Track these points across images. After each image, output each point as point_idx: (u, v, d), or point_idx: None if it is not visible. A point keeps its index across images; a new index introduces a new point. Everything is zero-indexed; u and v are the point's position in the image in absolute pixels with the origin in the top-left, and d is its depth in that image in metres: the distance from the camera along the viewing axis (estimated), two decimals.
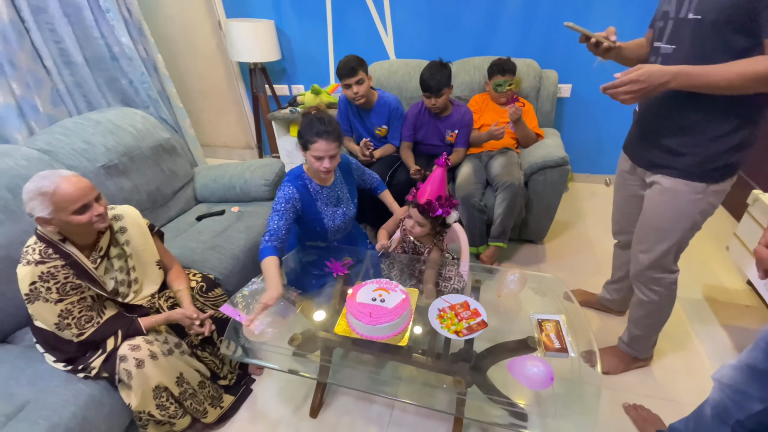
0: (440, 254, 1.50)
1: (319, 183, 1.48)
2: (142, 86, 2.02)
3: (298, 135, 1.37)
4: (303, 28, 2.87)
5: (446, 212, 1.36)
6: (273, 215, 1.40)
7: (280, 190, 1.42)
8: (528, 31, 2.46)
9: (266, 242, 1.36)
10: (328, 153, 1.33)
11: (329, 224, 1.52)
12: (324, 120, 1.32)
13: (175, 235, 1.80)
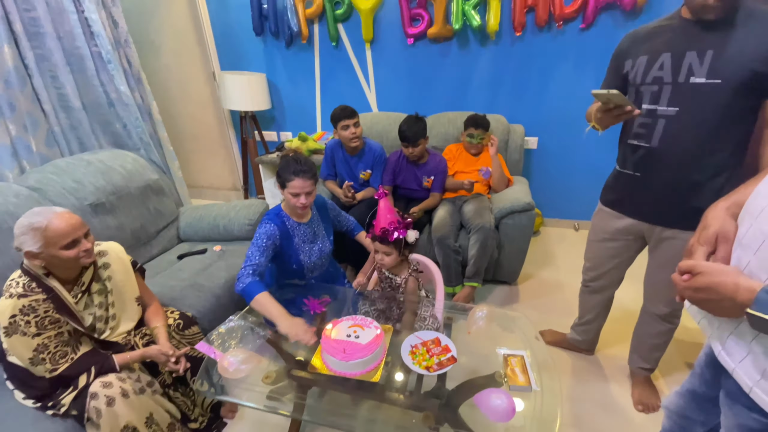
0: (416, 284, 1.55)
1: (296, 220, 1.56)
2: (135, 130, 2.12)
3: (277, 175, 1.48)
4: (293, 81, 3.10)
5: (402, 233, 1.42)
6: (254, 250, 1.44)
7: (261, 226, 1.49)
8: (497, 90, 2.72)
9: (250, 276, 1.38)
10: (304, 189, 1.44)
11: (306, 260, 1.58)
12: (300, 160, 1.45)
13: (156, 273, 1.82)
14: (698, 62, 1.04)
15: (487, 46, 2.62)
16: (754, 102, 1.03)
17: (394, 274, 1.55)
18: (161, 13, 3.13)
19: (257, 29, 2.89)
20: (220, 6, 2.96)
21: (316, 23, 2.84)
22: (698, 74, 1.04)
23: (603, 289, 1.59)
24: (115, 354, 1.25)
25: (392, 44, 2.76)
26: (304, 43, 2.91)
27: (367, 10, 2.63)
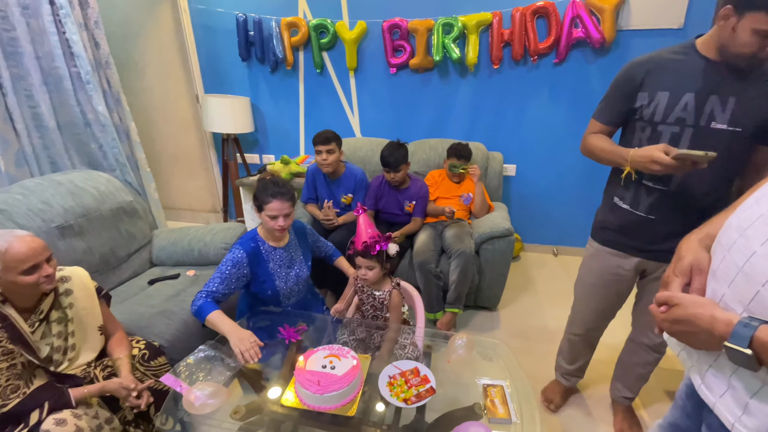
0: (400, 298, 1.54)
1: (272, 244, 1.53)
2: (111, 151, 2.08)
3: (254, 198, 1.46)
4: (277, 106, 3.12)
5: (384, 245, 1.44)
6: (215, 276, 1.43)
7: (230, 252, 1.46)
8: (476, 118, 2.81)
9: (203, 298, 1.39)
10: (282, 212, 1.42)
11: (281, 286, 1.54)
12: (278, 182, 1.44)
13: (124, 299, 1.74)
14: (720, 108, 1.03)
15: (467, 78, 2.72)
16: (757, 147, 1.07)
17: (377, 290, 1.53)
18: (146, 36, 3.14)
19: (243, 55, 2.93)
20: (206, 32, 3.00)
21: (302, 51, 2.90)
22: (720, 120, 1.03)
23: (598, 336, 1.55)
24: (72, 388, 1.17)
25: (375, 73, 2.84)
26: (289, 69, 2.96)
27: (351, 40, 2.71)
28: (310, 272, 1.68)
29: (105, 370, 1.29)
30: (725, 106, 1.03)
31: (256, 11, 2.81)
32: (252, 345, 1.29)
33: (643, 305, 1.40)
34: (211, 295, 1.41)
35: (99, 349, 1.31)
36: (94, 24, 1.99)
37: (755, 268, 0.56)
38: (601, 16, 2.36)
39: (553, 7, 2.39)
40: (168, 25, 3.08)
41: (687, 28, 2.36)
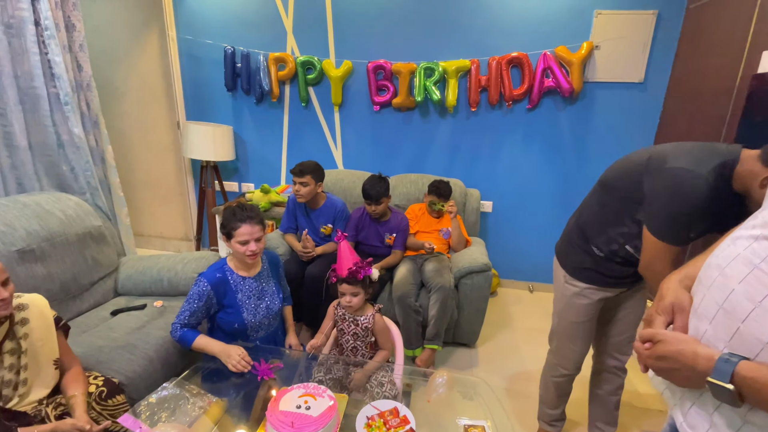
0: (383, 321, 1.53)
1: (242, 274, 1.49)
2: (83, 174, 2.00)
3: (221, 227, 1.43)
4: (260, 135, 3.14)
5: (368, 271, 1.45)
6: (186, 308, 1.42)
7: (195, 285, 1.41)
8: (454, 156, 2.92)
9: (182, 327, 1.41)
10: (253, 236, 1.39)
11: (249, 318, 1.48)
12: (244, 207, 1.42)
13: (83, 331, 1.62)
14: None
15: (446, 118, 2.85)
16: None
17: (360, 315, 1.51)
18: (131, 62, 3.15)
19: (229, 85, 2.97)
20: (192, 61, 3.04)
21: (288, 84, 2.97)
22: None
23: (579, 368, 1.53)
24: (21, 427, 1.05)
25: (360, 109, 2.93)
26: (275, 101, 3.01)
27: (337, 77, 2.81)
28: (282, 305, 1.63)
29: (58, 409, 1.17)
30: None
31: (244, 45, 2.88)
32: (241, 357, 1.33)
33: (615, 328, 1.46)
34: (186, 325, 1.41)
35: (53, 385, 1.20)
36: (78, 47, 1.98)
37: (734, 305, 0.58)
38: (570, 68, 2.56)
39: (527, 58, 2.58)
40: (154, 53, 3.10)
41: (647, 82, 2.59)
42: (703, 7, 2.30)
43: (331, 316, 1.60)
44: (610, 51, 2.58)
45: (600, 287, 1.33)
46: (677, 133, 2.47)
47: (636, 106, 2.65)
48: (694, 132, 2.31)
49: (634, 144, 2.67)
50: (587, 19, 2.55)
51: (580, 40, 2.56)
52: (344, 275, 1.44)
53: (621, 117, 2.67)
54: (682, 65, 2.48)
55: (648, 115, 2.66)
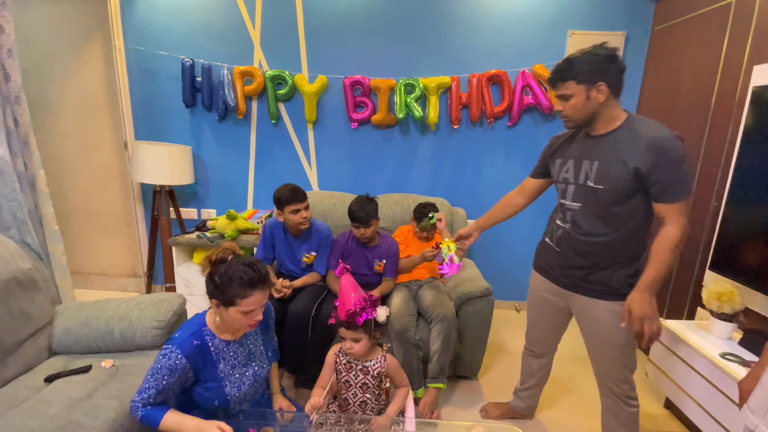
0: (396, 361, 1.37)
1: (226, 338, 1.19)
2: (8, 204, 1.62)
3: (218, 292, 1.10)
4: (224, 156, 2.84)
5: (372, 313, 1.24)
6: (151, 383, 1.09)
7: (164, 355, 1.10)
8: (437, 175, 2.81)
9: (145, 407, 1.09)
10: (262, 303, 1.14)
11: (233, 392, 1.19)
12: (254, 265, 1.11)
13: (10, 407, 1.23)
14: (590, 170, 1.25)
15: (428, 135, 2.75)
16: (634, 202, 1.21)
17: (368, 360, 1.31)
18: (69, 74, 2.75)
19: (188, 101, 2.67)
20: (143, 74, 2.71)
21: (255, 100, 2.73)
22: (590, 179, 1.25)
23: (543, 353, 1.68)
24: None
25: (336, 127, 2.75)
26: (240, 118, 2.75)
27: (311, 93, 2.62)
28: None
29: None
30: (592, 168, 1.24)
31: (205, 57, 2.62)
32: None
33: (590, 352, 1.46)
34: (148, 404, 1.09)
35: None
36: (7, 53, 1.63)
37: None
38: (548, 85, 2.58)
39: (506, 76, 2.57)
40: (96, 65, 2.73)
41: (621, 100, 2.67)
42: (668, 29, 2.42)
43: (331, 366, 1.36)
44: None
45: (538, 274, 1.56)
46: None
47: None
48: None
49: None
50: (562, 39, 2.60)
51: (556, 59, 2.53)
52: (343, 317, 1.24)
53: None
54: (651, 83, 2.59)
55: None
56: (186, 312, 1.77)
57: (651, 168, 1.13)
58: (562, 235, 1.38)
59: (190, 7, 2.61)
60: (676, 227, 1.15)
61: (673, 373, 1.60)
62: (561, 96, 1.24)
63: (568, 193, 1.33)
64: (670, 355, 1.61)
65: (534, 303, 1.60)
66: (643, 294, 1.18)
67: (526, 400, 1.79)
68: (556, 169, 1.38)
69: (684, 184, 1.14)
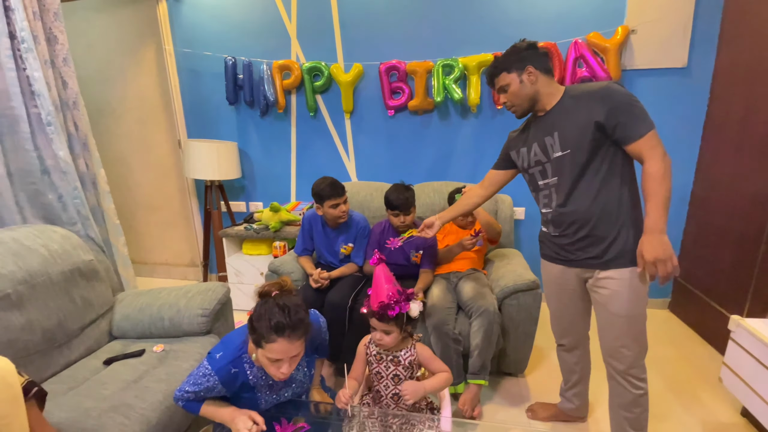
0: (427, 349, 1.31)
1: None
2: (72, 201, 1.78)
3: (250, 327, 1.04)
4: (267, 150, 2.92)
5: (405, 307, 1.21)
6: (192, 384, 1.12)
7: (204, 376, 1.09)
8: (479, 160, 2.65)
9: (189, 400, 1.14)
10: (290, 354, 1.01)
11: (267, 406, 1.22)
12: (288, 309, 1.00)
13: (70, 389, 1.36)
14: (553, 142, 1.28)
15: (468, 119, 2.60)
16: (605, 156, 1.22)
17: (398, 351, 1.28)
18: (126, 80, 2.97)
19: (231, 98, 2.77)
20: (191, 76, 2.85)
21: (294, 94, 2.76)
22: (556, 150, 1.28)
23: (575, 345, 1.58)
24: None
25: (372, 115, 2.69)
26: (281, 113, 2.80)
27: (346, 82, 2.59)
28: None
29: None
30: (554, 139, 1.27)
31: (246, 54, 2.68)
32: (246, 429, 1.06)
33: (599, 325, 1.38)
34: (190, 399, 1.15)
35: None
36: (62, 61, 1.78)
37: None
38: (605, 56, 2.31)
39: (556, 48, 2.34)
40: (150, 69, 2.92)
41: (690, 66, 2.33)
42: None
43: (362, 358, 1.34)
44: (647, 35, 2.32)
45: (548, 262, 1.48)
46: (730, 121, 2.19)
47: (680, 94, 2.38)
48: (752, 119, 2.03)
49: (679, 133, 2.40)
50: (620, 2, 2.30)
51: (614, 25, 2.30)
52: (375, 308, 1.20)
53: (665, 106, 2.39)
54: (728, 47, 2.22)
55: (694, 102, 2.38)
56: (230, 301, 1.85)
57: (606, 115, 1.16)
58: (552, 218, 1.37)
59: (230, 6, 2.68)
60: (654, 159, 1.15)
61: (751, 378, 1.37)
62: (500, 89, 1.34)
63: (547, 173, 1.33)
64: (748, 357, 1.38)
65: (551, 293, 1.53)
66: (651, 236, 1.15)
67: (574, 399, 1.66)
68: (525, 157, 1.39)
69: (643, 118, 1.16)
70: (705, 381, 1.96)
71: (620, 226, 1.24)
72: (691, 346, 2.27)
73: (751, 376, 1.38)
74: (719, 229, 2.24)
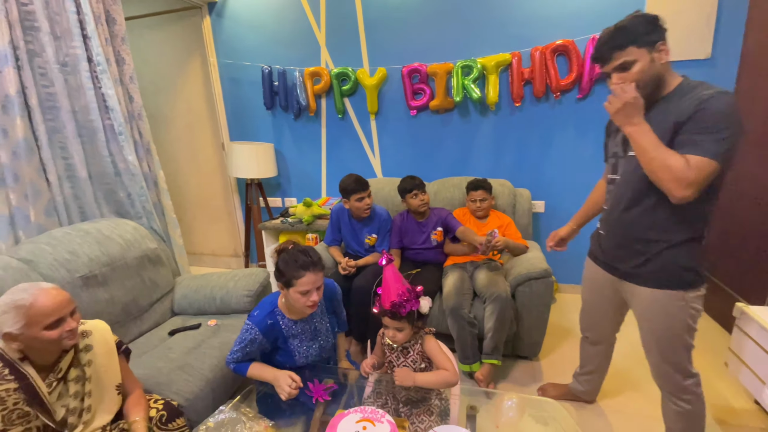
0: (436, 342, 1.36)
1: (294, 317, 1.40)
2: (139, 198, 2.09)
3: (279, 274, 1.29)
4: (300, 150, 3.17)
5: (415, 304, 1.27)
6: (239, 347, 1.37)
7: (247, 331, 1.35)
8: (500, 156, 2.76)
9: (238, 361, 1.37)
10: (316, 284, 1.29)
11: (300, 360, 1.43)
12: (307, 251, 1.29)
13: (144, 352, 1.66)
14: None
15: (488, 116, 2.71)
16: None
17: (407, 343, 1.36)
18: (176, 89, 3.31)
19: (268, 104, 3.03)
20: (233, 84, 3.14)
21: (324, 98, 2.98)
22: (629, 149, 1.18)
23: (598, 341, 1.61)
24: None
25: (396, 115, 2.87)
26: (312, 116, 3.03)
27: (371, 86, 2.77)
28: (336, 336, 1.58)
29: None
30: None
31: (280, 63, 2.93)
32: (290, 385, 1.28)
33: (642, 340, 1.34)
34: (237, 361, 1.39)
35: (115, 410, 1.21)
36: (129, 79, 2.08)
37: None
38: None
39: (573, 45, 2.40)
40: (197, 79, 3.24)
41: (715, 57, 2.31)
42: None
43: (379, 346, 1.50)
44: (669, 27, 2.28)
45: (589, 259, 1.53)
46: (755, 112, 2.17)
47: None
48: None
49: None
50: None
51: None
52: (387, 308, 1.28)
53: None
54: (755, 37, 2.19)
55: None
56: (270, 284, 2.10)
57: (687, 119, 1.04)
58: (605, 217, 1.34)
59: (265, 18, 2.93)
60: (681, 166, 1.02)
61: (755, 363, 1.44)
62: (620, 66, 1.11)
63: (618, 168, 1.26)
64: (752, 344, 1.44)
65: (585, 288, 1.56)
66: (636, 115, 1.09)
67: (585, 384, 1.76)
68: (609, 144, 1.34)
69: (712, 143, 1.00)
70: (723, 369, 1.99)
71: (668, 246, 1.16)
72: (711, 336, 2.29)
73: (754, 361, 1.44)
74: (743, 221, 2.23)
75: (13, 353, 1.03)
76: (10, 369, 1.00)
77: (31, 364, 1.05)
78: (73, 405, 1.12)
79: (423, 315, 1.31)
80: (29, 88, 1.65)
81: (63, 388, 1.11)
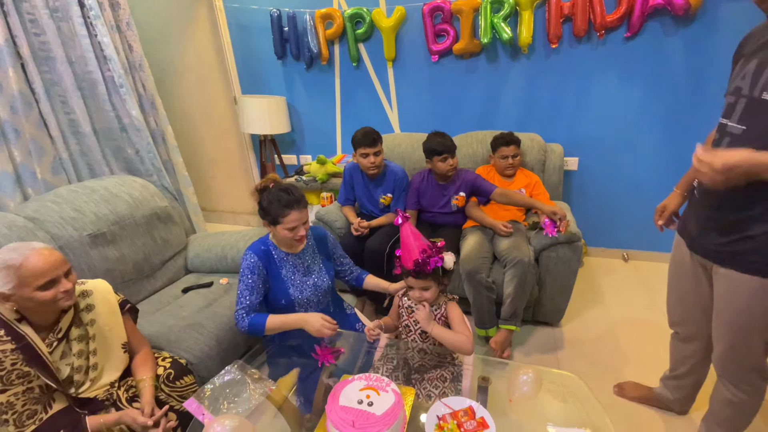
0: (459, 310, 1.29)
1: (285, 250, 1.41)
2: (147, 155, 2.04)
3: (264, 212, 1.32)
4: (313, 104, 3.00)
5: (439, 260, 1.20)
6: (242, 289, 1.33)
7: (244, 260, 1.36)
8: (530, 107, 2.50)
9: (245, 317, 1.32)
10: (302, 220, 1.31)
11: (295, 294, 1.40)
12: (289, 189, 1.31)
13: (157, 309, 1.67)
14: None
15: (519, 60, 2.42)
16: None
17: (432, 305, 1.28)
18: (185, 39, 3.15)
19: (278, 52, 2.83)
20: (241, 31, 2.94)
21: (337, 44, 2.74)
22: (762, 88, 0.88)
23: (693, 337, 1.31)
24: (91, 415, 1.08)
25: (415, 62, 2.62)
26: (324, 65, 2.82)
27: (388, 28, 2.51)
28: (334, 283, 1.53)
29: (129, 391, 1.20)
30: None
31: (289, 5, 2.69)
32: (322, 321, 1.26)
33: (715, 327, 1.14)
34: (248, 311, 1.33)
35: (123, 368, 1.22)
36: (126, 25, 1.95)
37: None
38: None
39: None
40: (205, 26, 3.05)
41: None
42: None
43: (395, 309, 1.42)
44: None
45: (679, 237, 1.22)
46: None
47: None
48: None
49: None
50: None
51: None
52: (410, 267, 1.21)
53: None
54: None
55: None
56: None
57: None
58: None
59: None
60: None
61: None
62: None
63: (735, 112, 0.96)
64: None
65: (673, 273, 1.28)
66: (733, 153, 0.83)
67: (675, 391, 1.46)
68: (732, 76, 1.00)
69: None
70: None
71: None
72: None
73: None
74: None
75: (9, 313, 1.01)
76: (7, 330, 0.99)
77: (30, 324, 1.04)
78: (78, 363, 1.13)
79: (448, 271, 1.25)
80: (19, 37, 1.55)
81: (66, 347, 1.11)
